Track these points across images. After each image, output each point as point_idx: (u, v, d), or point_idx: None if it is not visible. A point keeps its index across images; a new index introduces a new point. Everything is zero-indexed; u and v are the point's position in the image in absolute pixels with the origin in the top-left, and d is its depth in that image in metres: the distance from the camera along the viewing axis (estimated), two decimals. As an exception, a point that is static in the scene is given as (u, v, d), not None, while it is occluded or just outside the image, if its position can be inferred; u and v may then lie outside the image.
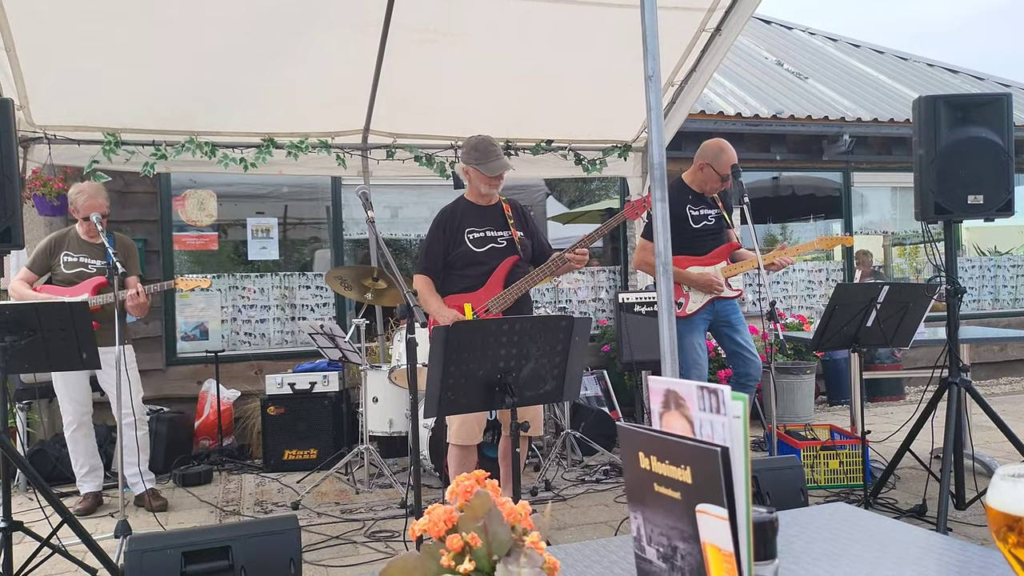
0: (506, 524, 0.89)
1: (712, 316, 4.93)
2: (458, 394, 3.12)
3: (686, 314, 4.89)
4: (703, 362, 4.90)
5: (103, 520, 4.74)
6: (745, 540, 0.71)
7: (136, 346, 5.18)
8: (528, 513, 0.91)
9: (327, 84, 5.45)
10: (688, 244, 4.84)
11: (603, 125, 6.35)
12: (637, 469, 0.81)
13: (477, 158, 4.07)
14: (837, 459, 4.95)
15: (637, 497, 0.83)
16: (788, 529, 1.47)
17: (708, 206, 4.94)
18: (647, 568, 0.85)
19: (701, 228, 4.91)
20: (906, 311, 4.22)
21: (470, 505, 0.89)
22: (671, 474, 0.76)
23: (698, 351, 4.87)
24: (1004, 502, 0.76)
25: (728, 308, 4.93)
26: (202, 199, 6.84)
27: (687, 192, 4.96)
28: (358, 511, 4.76)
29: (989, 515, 0.78)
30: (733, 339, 4.93)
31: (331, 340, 5.24)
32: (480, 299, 4.03)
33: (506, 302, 4.01)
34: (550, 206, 10.13)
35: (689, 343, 4.87)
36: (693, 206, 4.91)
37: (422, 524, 0.91)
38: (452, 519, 0.89)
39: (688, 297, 4.89)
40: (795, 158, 8.52)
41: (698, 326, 4.91)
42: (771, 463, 3.71)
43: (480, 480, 0.93)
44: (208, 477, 5.64)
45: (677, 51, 5.63)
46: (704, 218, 4.93)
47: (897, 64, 11.20)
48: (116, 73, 5.00)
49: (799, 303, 8.62)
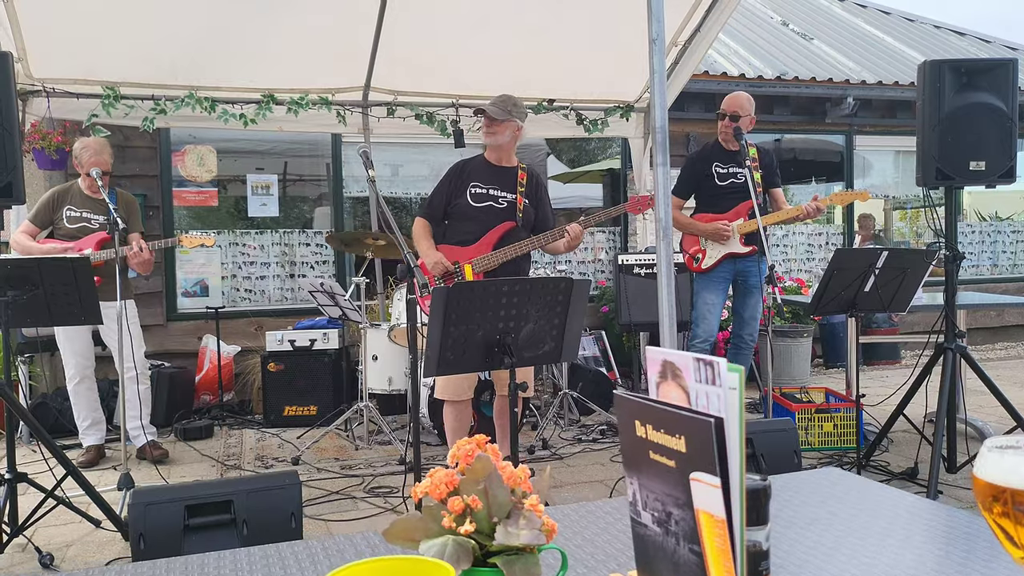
0: (506, 487, 0.91)
1: (732, 274, 5.05)
2: (457, 354, 3.15)
3: (702, 269, 5.00)
4: (713, 319, 5.02)
5: (106, 472, 4.80)
6: (738, 508, 0.73)
7: (137, 301, 5.20)
8: (528, 476, 0.93)
9: (328, 40, 5.39)
10: (712, 201, 5.03)
11: (605, 85, 6.30)
12: (633, 437, 0.83)
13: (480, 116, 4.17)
14: (831, 422, 5.01)
15: (633, 463, 0.85)
16: (781, 493, 1.50)
17: (739, 165, 5.01)
18: (642, 532, 0.87)
19: (727, 186, 5.05)
20: (904, 277, 4.23)
21: (471, 468, 0.91)
22: (666, 443, 0.78)
23: (709, 306, 5.01)
24: (991, 473, 0.78)
25: (750, 268, 5.01)
26: (202, 155, 6.82)
27: (718, 150, 5.11)
28: (357, 467, 4.82)
29: (976, 485, 0.80)
30: (743, 300, 5.12)
31: (331, 298, 5.26)
32: (469, 255, 4.09)
33: (490, 264, 4.05)
34: (551, 165, 10.08)
35: (703, 298, 5.01)
36: (721, 164, 5.05)
37: (424, 486, 0.93)
38: (454, 482, 0.91)
39: (705, 252, 4.99)
40: (798, 120, 8.47)
41: (715, 283, 5.02)
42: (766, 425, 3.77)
43: (481, 444, 0.96)
44: (209, 431, 5.71)
45: (681, 11, 5.58)
46: (731, 176, 5.05)
47: (904, 26, 11.08)
48: (116, 26, 4.95)
49: (798, 266, 8.63)
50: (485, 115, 4.11)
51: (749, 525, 0.83)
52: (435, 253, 4.07)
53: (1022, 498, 0.74)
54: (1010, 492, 0.75)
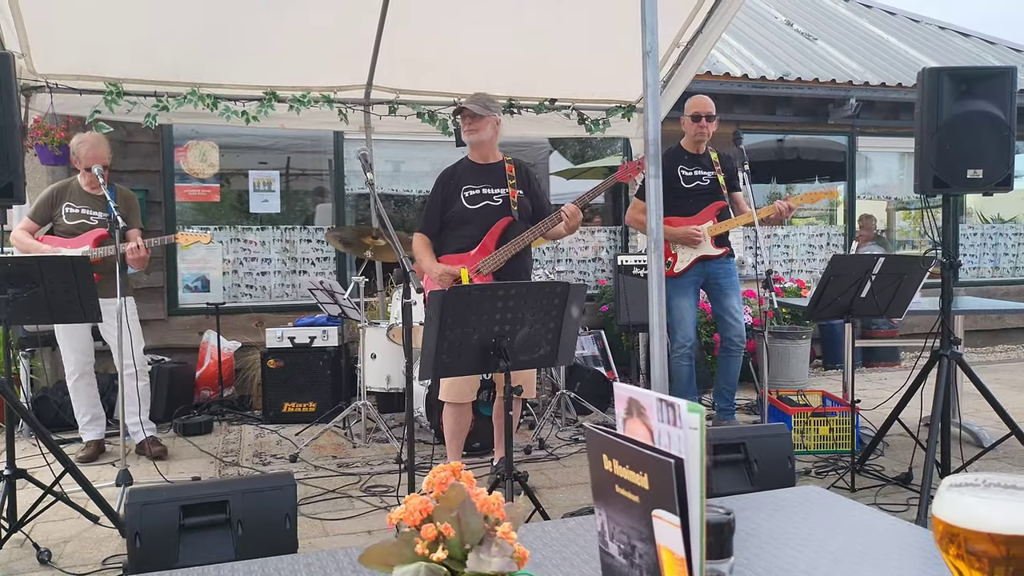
0: (479, 514, 0.93)
1: (703, 277, 5.10)
2: (453, 357, 3.17)
3: (674, 273, 5.04)
4: (688, 323, 5.07)
5: (105, 468, 4.84)
6: (697, 545, 0.75)
7: (138, 296, 5.23)
8: (501, 504, 0.95)
9: (330, 38, 5.41)
10: (679, 204, 5.04)
11: (607, 85, 6.30)
12: (601, 470, 0.85)
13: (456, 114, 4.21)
14: (827, 425, 5.02)
15: (601, 495, 0.87)
16: (759, 511, 1.52)
17: (703, 168, 5.12)
18: (609, 561, 0.89)
19: (693, 188, 5.10)
20: (901, 283, 4.25)
21: (445, 496, 0.93)
22: (631, 478, 0.80)
23: (684, 312, 5.06)
24: (947, 513, 0.80)
25: (720, 270, 5.07)
26: (204, 150, 6.85)
27: (682, 154, 5.17)
28: (355, 465, 4.85)
29: (934, 525, 0.81)
30: (719, 302, 5.15)
31: (331, 296, 5.29)
32: (473, 260, 4.10)
33: (497, 262, 4.07)
34: (554, 161, 10.09)
35: (676, 304, 5.05)
36: (686, 167, 5.11)
37: (399, 513, 0.95)
38: (427, 509, 0.93)
39: (676, 257, 5.04)
40: (801, 121, 8.48)
41: (686, 288, 5.07)
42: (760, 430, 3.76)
43: (456, 472, 0.98)
44: (208, 427, 5.74)
45: (684, 11, 5.58)
46: (697, 179, 5.12)
47: (908, 27, 11.06)
48: (119, 23, 4.97)
49: (799, 267, 8.64)
50: (465, 113, 4.13)
51: (712, 557, 0.85)
52: (438, 266, 4.10)
53: (975, 541, 0.76)
54: (963, 534, 0.77)
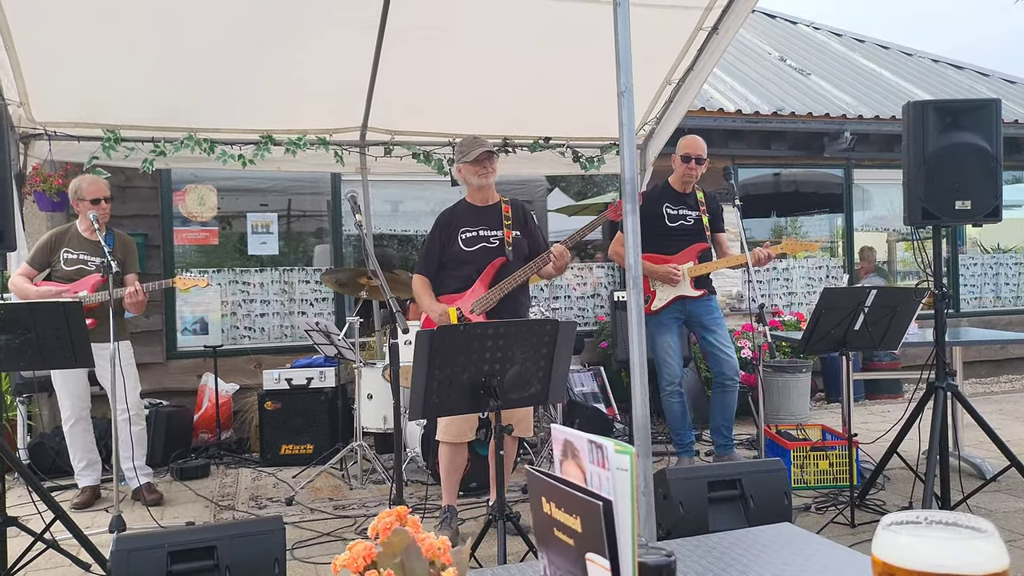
0: (424, 560, 0.93)
1: (683, 315, 5.12)
2: (443, 397, 3.16)
3: (652, 311, 5.04)
4: (674, 360, 5.07)
5: (99, 514, 4.81)
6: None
7: (137, 339, 5.24)
8: (447, 549, 0.95)
9: (324, 82, 5.47)
10: (661, 241, 5.06)
11: (601, 122, 6.30)
12: (541, 513, 0.85)
13: (463, 153, 4.22)
14: (827, 460, 4.99)
15: (542, 539, 0.87)
16: (731, 551, 1.50)
17: (689, 207, 5.15)
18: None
19: (677, 227, 5.11)
20: (895, 315, 4.24)
21: (388, 542, 0.93)
22: (566, 521, 0.80)
23: (668, 350, 5.06)
24: (884, 552, 0.79)
25: (701, 308, 5.08)
26: (202, 194, 6.90)
27: (669, 191, 5.19)
28: (350, 507, 4.82)
29: (872, 562, 0.81)
30: (706, 339, 5.13)
31: (326, 337, 5.29)
32: (467, 300, 4.13)
33: (490, 302, 4.09)
34: (555, 199, 10.08)
35: (659, 342, 5.04)
36: (672, 205, 5.13)
37: (343, 560, 0.95)
38: (371, 555, 0.93)
39: (655, 294, 5.06)
40: (796, 155, 8.53)
41: (667, 325, 5.08)
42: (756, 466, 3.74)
43: (401, 517, 0.97)
44: (205, 471, 5.72)
45: (675, 49, 5.64)
46: (681, 218, 5.14)
47: (901, 60, 11.15)
48: (115, 70, 5.04)
49: (798, 300, 8.63)
50: (489, 156, 4.17)
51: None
52: (438, 305, 4.14)
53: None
54: (899, 573, 0.76)
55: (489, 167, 4.20)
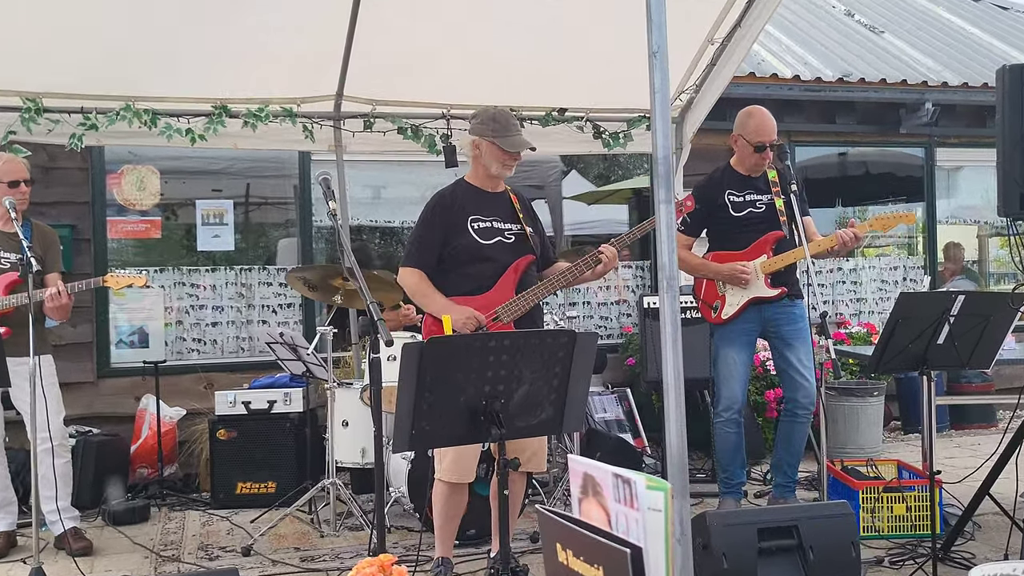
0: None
1: (759, 324, 5.02)
2: (434, 424, 3.15)
3: (721, 320, 4.98)
4: (737, 380, 4.98)
5: (15, 566, 4.82)
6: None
7: (62, 354, 5.25)
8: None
9: (291, 39, 5.46)
10: (728, 236, 5.01)
11: (629, 90, 6.32)
12: (555, 563, 0.85)
13: (496, 130, 4.11)
14: (904, 503, 4.97)
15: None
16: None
17: (757, 191, 5.03)
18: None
19: (745, 216, 5.01)
20: (987, 325, 4.22)
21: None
22: (586, 573, 0.80)
23: (732, 366, 4.97)
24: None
25: (781, 315, 4.98)
26: (142, 176, 6.93)
27: (731, 175, 5.08)
28: (321, 559, 4.83)
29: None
30: (783, 355, 5.03)
31: (293, 351, 5.31)
32: (488, 304, 4.05)
33: (519, 309, 4.04)
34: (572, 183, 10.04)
35: (723, 356, 4.99)
36: (736, 191, 5.02)
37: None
38: (348, 614, 0.93)
39: (724, 299, 4.96)
40: (866, 130, 8.53)
41: (736, 336, 4.99)
42: (817, 510, 3.76)
43: (385, 567, 0.98)
44: (145, 514, 5.73)
45: (718, 1, 5.64)
46: (750, 205, 5.01)
47: (996, 15, 11.15)
48: (36, 28, 5.05)
49: (869, 307, 8.62)
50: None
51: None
52: (460, 307, 4.01)
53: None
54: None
55: (518, 160, 4.19)
